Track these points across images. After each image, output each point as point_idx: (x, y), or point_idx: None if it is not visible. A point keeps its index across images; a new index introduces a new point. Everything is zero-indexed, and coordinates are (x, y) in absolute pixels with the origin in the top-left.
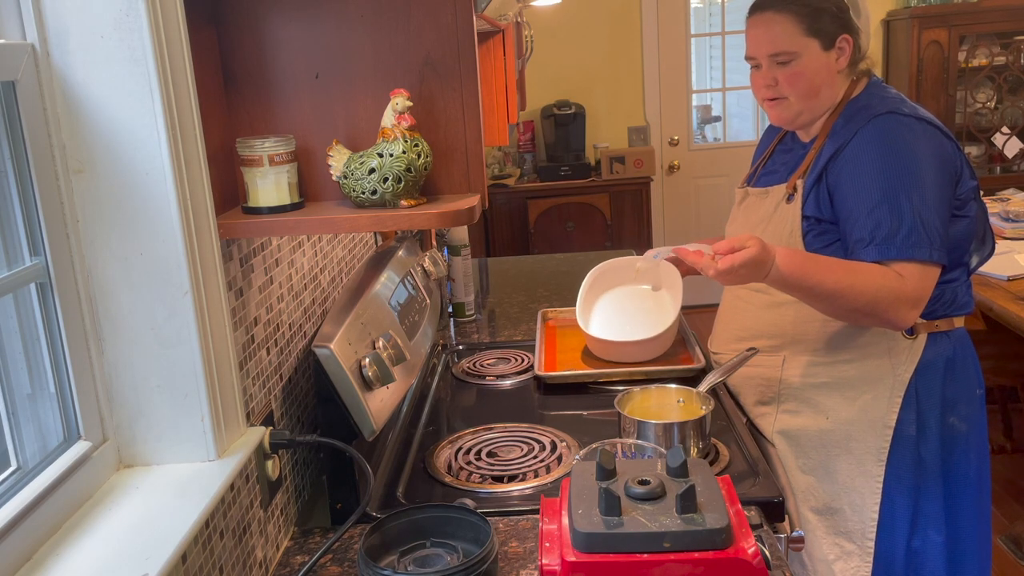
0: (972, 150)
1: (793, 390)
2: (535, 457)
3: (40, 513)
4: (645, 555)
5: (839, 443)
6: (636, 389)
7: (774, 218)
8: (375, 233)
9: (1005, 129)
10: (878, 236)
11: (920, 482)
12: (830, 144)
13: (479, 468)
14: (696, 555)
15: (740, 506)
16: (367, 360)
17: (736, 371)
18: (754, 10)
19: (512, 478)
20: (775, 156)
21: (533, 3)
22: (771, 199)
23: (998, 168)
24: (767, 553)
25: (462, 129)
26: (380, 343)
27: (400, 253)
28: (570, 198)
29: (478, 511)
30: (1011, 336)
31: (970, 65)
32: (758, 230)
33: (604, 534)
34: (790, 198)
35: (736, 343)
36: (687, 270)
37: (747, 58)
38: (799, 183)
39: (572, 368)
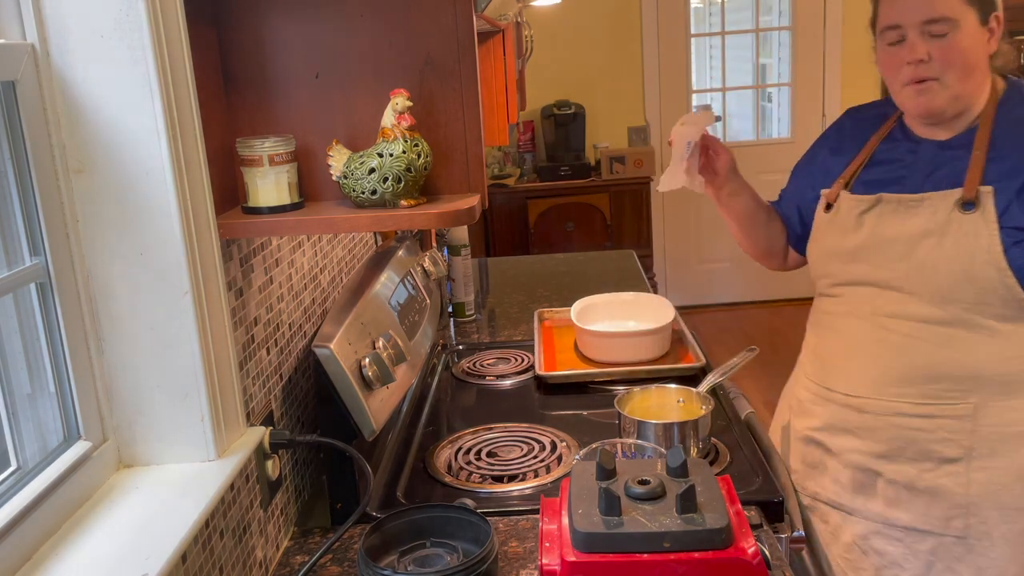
0: None
1: (991, 443)
2: (535, 457)
3: (40, 513)
4: (645, 555)
5: None
6: (636, 389)
7: (950, 231)
8: (375, 233)
9: None
10: None
11: None
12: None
13: (479, 468)
14: (696, 555)
15: (740, 506)
16: (367, 360)
17: (737, 369)
18: None
19: (512, 478)
20: (887, 156)
21: (533, 3)
22: (932, 207)
23: None
24: (767, 553)
25: (462, 129)
26: (380, 343)
27: (400, 253)
28: (570, 198)
29: (478, 511)
30: None
31: None
32: (926, 245)
33: (604, 534)
34: (967, 206)
35: (899, 387)
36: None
37: (885, 28)
38: (984, 190)
39: (572, 368)
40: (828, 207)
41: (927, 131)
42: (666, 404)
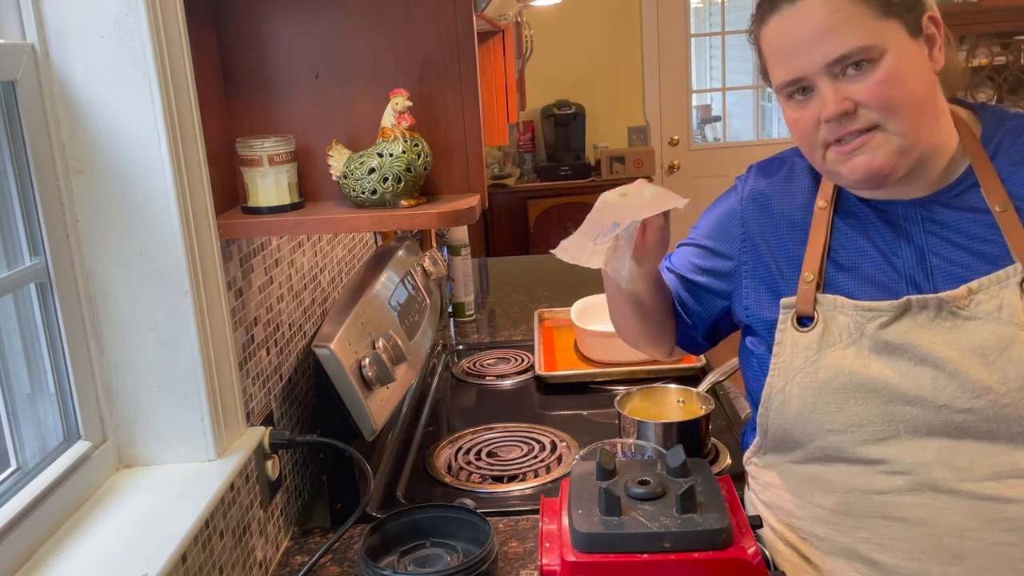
0: None
1: None
2: (535, 457)
3: (40, 513)
4: (645, 555)
5: None
6: (636, 389)
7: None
8: (375, 233)
9: None
10: None
11: None
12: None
13: (479, 468)
14: (696, 555)
15: (740, 506)
16: (367, 360)
17: (737, 369)
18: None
19: (512, 478)
20: (853, 233)
21: (533, 3)
22: (980, 303)
23: None
24: (767, 553)
25: (462, 129)
26: (380, 343)
27: (400, 253)
28: (570, 198)
29: (478, 511)
30: None
31: (970, 65)
32: (1000, 363)
33: (604, 534)
34: None
35: None
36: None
37: (786, 85)
38: None
39: (572, 368)
40: (801, 321)
41: (883, 192)
42: (666, 404)
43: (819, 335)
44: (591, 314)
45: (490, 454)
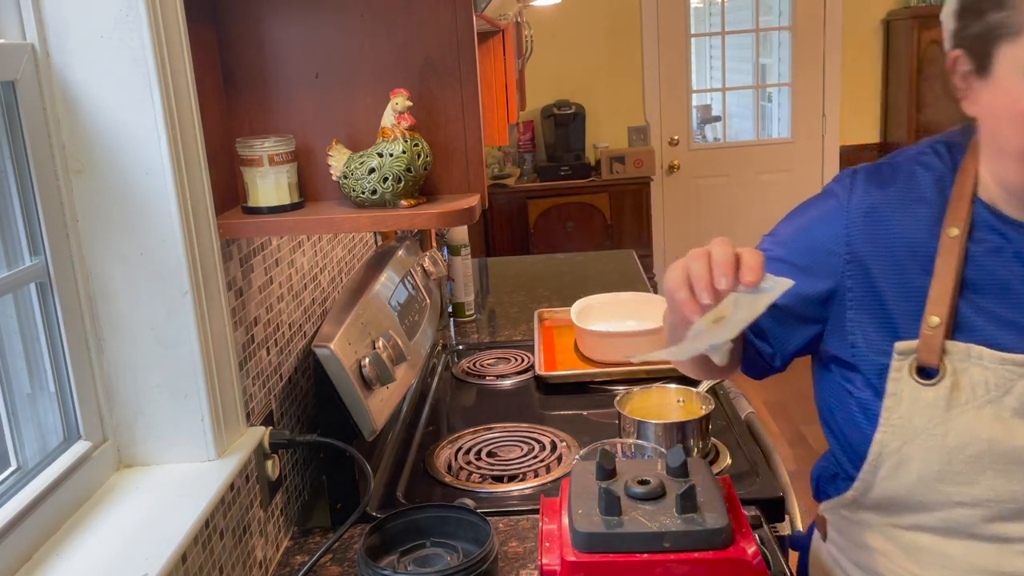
0: None
1: None
2: (535, 457)
3: (40, 513)
4: (645, 555)
5: None
6: (636, 389)
7: None
8: (375, 233)
9: None
10: None
11: None
12: None
13: (479, 468)
14: (696, 555)
15: (740, 506)
16: (367, 360)
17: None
18: None
19: (512, 478)
20: (988, 264)
21: (533, 3)
22: None
23: None
24: (767, 553)
25: (462, 129)
26: (380, 343)
27: (400, 253)
28: (570, 198)
29: (478, 511)
30: None
31: None
32: None
33: (604, 534)
34: None
35: None
36: None
37: None
38: None
39: (572, 368)
40: (924, 372)
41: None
42: (666, 404)
43: (947, 391)
44: (591, 314)
45: (490, 454)
